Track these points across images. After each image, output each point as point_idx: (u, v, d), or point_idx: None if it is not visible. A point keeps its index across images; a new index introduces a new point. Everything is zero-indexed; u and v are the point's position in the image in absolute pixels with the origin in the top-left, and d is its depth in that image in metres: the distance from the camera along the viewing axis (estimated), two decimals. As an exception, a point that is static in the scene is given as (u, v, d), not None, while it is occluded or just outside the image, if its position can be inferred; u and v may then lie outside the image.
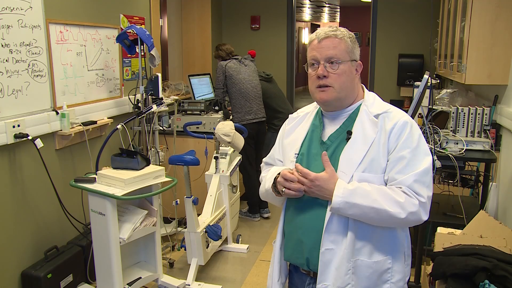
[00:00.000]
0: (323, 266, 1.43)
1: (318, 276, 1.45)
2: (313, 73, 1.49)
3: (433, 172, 2.58)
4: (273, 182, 1.54)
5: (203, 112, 4.08)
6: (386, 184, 1.43)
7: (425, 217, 1.40)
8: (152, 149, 3.51)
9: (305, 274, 1.55)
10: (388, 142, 1.42)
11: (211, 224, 3.18)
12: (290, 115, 1.71)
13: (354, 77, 1.50)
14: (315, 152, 1.53)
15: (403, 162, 1.40)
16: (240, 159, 3.78)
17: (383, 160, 1.42)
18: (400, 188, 1.39)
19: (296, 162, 1.54)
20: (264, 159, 1.77)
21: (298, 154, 1.56)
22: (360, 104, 1.52)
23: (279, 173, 1.52)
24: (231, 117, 4.17)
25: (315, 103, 1.61)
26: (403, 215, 1.36)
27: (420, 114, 3.12)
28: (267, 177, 1.59)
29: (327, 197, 1.41)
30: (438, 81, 4.59)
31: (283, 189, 1.47)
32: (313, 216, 1.47)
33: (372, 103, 1.52)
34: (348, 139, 1.47)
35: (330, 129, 1.54)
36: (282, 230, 1.61)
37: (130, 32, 3.32)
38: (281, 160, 1.65)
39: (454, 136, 3.06)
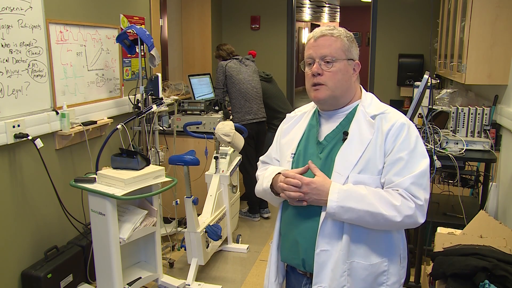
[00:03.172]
0: (318, 267, 1.42)
1: (313, 277, 1.44)
2: (309, 72, 1.48)
3: (433, 172, 2.61)
4: (272, 183, 1.53)
5: (203, 112, 4.08)
6: (383, 187, 1.41)
7: (421, 219, 1.39)
8: (152, 149, 3.51)
9: (302, 275, 1.55)
10: (385, 143, 1.41)
11: (211, 224, 3.18)
12: (287, 115, 1.70)
13: (351, 77, 1.49)
14: (311, 152, 1.52)
15: (400, 164, 1.38)
16: (240, 159, 3.78)
17: (380, 161, 1.41)
18: (397, 190, 1.37)
19: (292, 162, 1.54)
20: (261, 158, 1.76)
21: (294, 154, 1.55)
22: (357, 105, 1.51)
23: (277, 173, 1.51)
24: (231, 117, 4.17)
25: (312, 102, 1.61)
26: (399, 219, 1.35)
27: (420, 114, 3.12)
28: (265, 175, 1.58)
29: (324, 201, 1.38)
30: (438, 81, 4.59)
31: (282, 192, 1.45)
32: (308, 216, 1.46)
33: (369, 103, 1.51)
34: (344, 139, 1.46)
35: (327, 129, 1.53)
36: (279, 231, 1.60)
37: (130, 32, 3.32)
38: (278, 159, 1.65)
39: (454, 136, 3.06)
